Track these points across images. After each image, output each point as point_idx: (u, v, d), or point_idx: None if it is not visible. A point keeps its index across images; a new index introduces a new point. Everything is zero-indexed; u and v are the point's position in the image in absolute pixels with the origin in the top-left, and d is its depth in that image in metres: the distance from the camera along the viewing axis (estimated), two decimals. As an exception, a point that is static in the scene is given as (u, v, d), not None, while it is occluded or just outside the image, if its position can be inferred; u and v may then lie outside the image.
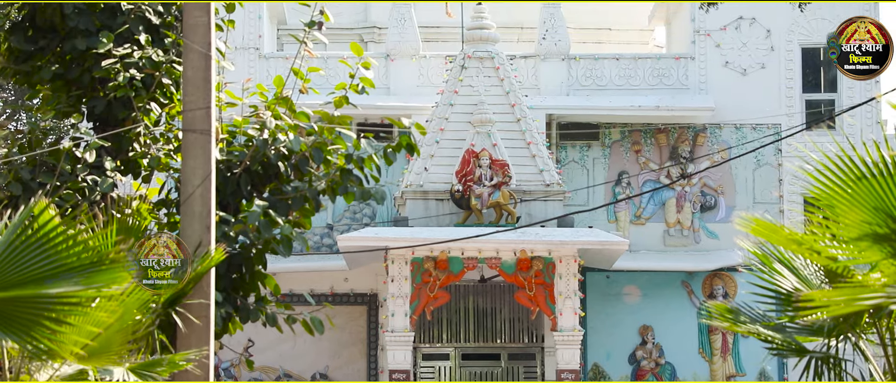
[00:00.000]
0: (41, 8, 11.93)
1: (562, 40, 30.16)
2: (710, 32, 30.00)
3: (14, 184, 11.47)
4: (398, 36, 30.19)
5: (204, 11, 10.45)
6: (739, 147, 29.25)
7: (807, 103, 29.96)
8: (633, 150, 29.79)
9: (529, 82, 29.85)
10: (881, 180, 8.19)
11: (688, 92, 29.81)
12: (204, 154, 10.41)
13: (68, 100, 12.19)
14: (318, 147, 12.27)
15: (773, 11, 28.64)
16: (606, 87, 30.06)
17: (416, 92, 29.79)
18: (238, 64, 28.13)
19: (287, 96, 12.58)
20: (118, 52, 11.79)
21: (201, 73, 10.41)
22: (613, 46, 34.61)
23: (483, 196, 26.07)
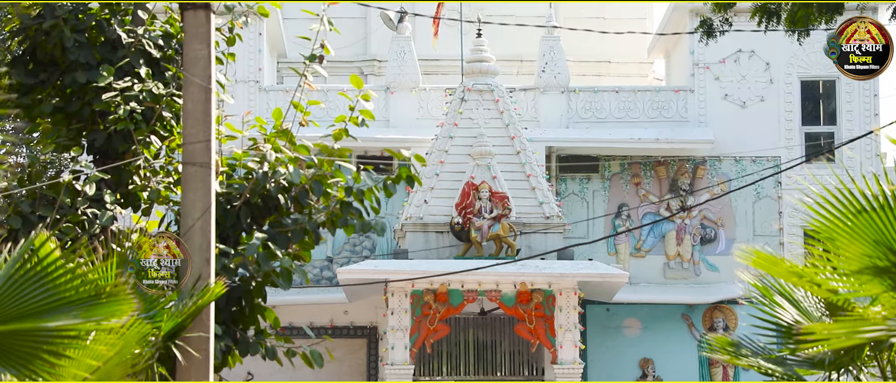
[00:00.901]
0: (42, 42, 11.95)
1: (561, 73, 30.21)
2: (709, 65, 30.05)
3: (14, 217, 11.47)
4: (398, 69, 30.24)
5: (204, 45, 10.47)
6: (739, 179, 29.26)
7: (806, 136, 29.98)
8: (633, 183, 29.80)
9: (529, 115, 29.88)
10: (881, 213, 8.19)
11: (687, 124, 29.84)
12: (204, 187, 10.41)
13: (68, 134, 12.20)
14: (317, 179, 12.28)
15: (772, 44, 28.70)
16: (606, 119, 30.10)
17: (416, 124, 29.82)
18: (238, 97, 28.16)
19: (287, 129, 12.59)
20: (118, 86, 11.81)
21: (201, 107, 10.42)
22: (613, 79, 34.66)
23: (483, 228, 26.06)
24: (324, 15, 12.65)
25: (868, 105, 29.81)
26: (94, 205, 11.81)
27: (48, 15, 11.92)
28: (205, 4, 10.48)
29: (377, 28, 34.36)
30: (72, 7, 12.08)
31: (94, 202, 11.81)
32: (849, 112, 29.84)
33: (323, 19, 12.63)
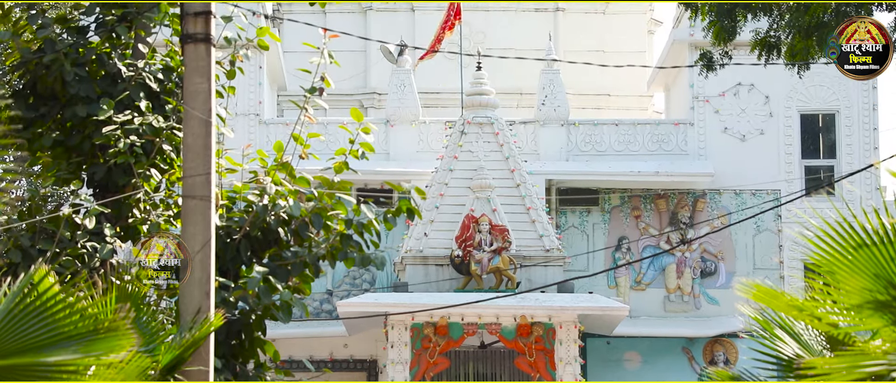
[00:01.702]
0: (42, 76, 11.97)
1: (561, 106, 30.25)
2: (709, 98, 30.09)
3: (13, 251, 11.45)
4: (398, 101, 30.29)
5: (205, 78, 10.48)
6: (739, 213, 29.26)
7: (806, 169, 30.00)
8: (633, 216, 29.80)
9: (529, 147, 29.91)
10: (881, 247, 8.18)
11: (687, 157, 29.86)
12: (203, 220, 10.41)
13: (68, 167, 12.19)
14: (317, 212, 12.27)
15: (772, 77, 28.75)
16: (606, 152, 30.13)
17: (416, 157, 29.84)
18: (238, 130, 28.20)
19: (287, 162, 12.59)
20: (119, 119, 11.82)
21: (201, 140, 10.42)
22: (613, 112, 34.71)
23: (483, 261, 26.04)
24: (324, 48, 12.67)
25: (867, 138, 29.84)
26: (94, 238, 11.80)
27: (49, 49, 11.93)
28: (205, 38, 10.49)
29: (377, 61, 34.43)
30: (72, 41, 12.10)
31: (94, 235, 11.80)
32: (848, 145, 29.87)
33: (323, 52, 12.65)
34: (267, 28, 12.57)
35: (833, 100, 30.10)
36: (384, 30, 34.96)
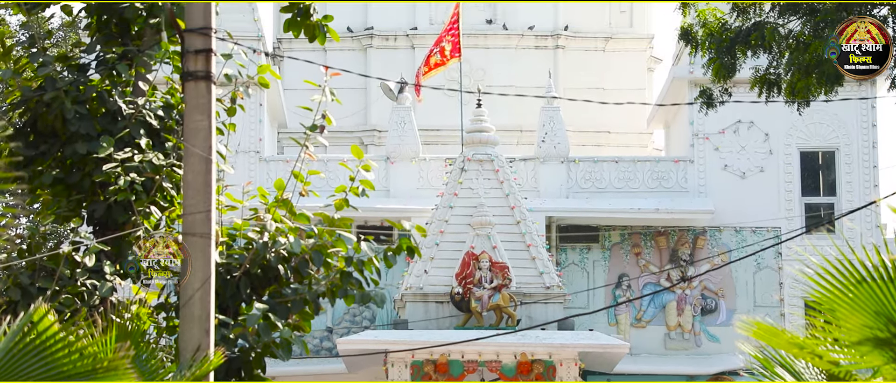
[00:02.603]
0: (43, 113, 11.98)
1: (561, 143, 30.28)
2: (709, 136, 30.12)
3: (13, 289, 11.44)
4: (398, 138, 30.32)
5: (205, 116, 10.49)
6: (739, 250, 29.24)
7: (806, 207, 30.01)
8: (633, 253, 29.77)
9: (529, 184, 29.93)
10: (882, 284, 8.17)
11: (687, 195, 29.87)
12: (203, 257, 10.39)
13: (68, 205, 12.19)
14: (318, 249, 12.25)
15: (772, 115, 28.79)
16: (606, 189, 30.14)
17: (416, 194, 29.85)
18: (239, 167, 28.22)
19: (287, 199, 12.59)
20: (119, 157, 11.82)
21: (202, 177, 10.43)
22: (613, 149, 34.75)
23: (483, 298, 26.01)
24: (325, 85, 12.69)
25: (867, 176, 29.86)
26: (94, 276, 11.78)
27: (49, 87, 11.95)
28: (206, 75, 10.51)
29: (377, 98, 34.50)
30: (73, 79, 12.12)
31: (94, 273, 11.79)
32: (848, 183, 29.89)
33: (324, 89, 12.66)
34: (267, 66, 12.59)
35: (833, 137, 30.14)
36: (384, 67, 35.04)
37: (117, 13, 12.42)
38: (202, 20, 10.40)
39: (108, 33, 12.55)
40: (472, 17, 35.93)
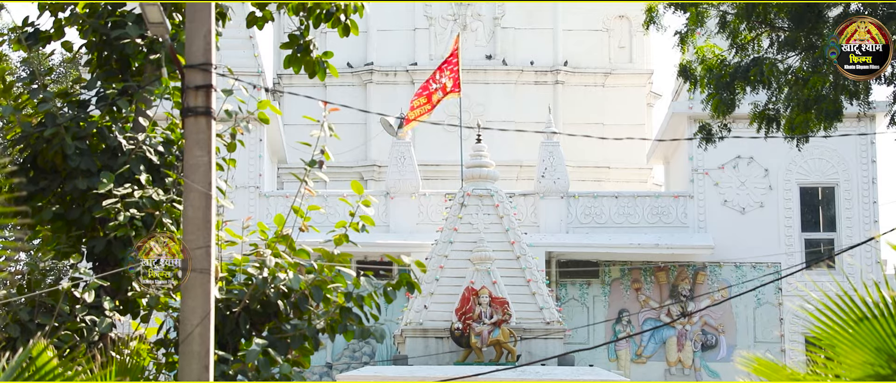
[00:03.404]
0: (43, 149, 11.98)
1: (561, 178, 30.29)
2: (709, 171, 30.14)
3: (12, 325, 11.41)
4: (398, 174, 30.33)
5: (205, 151, 10.50)
6: (740, 286, 29.21)
7: (806, 242, 30.00)
8: (633, 288, 29.75)
9: (529, 220, 29.92)
10: (882, 321, 8.16)
11: (687, 230, 29.86)
12: (203, 293, 10.38)
13: (68, 241, 12.18)
14: (317, 285, 12.23)
15: (771, 151, 28.82)
16: (606, 224, 30.13)
17: (416, 229, 29.84)
18: (239, 202, 28.22)
19: (287, 234, 12.57)
20: (119, 192, 11.82)
21: (201, 213, 10.42)
22: (612, 184, 34.76)
23: (483, 334, 25.96)
24: (324, 121, 12.69)
25: (867, 212, 29.86)
26: (93, 312, 11.76)
27: (50, 123, 11.96)
28: (206, 111, 10.52)
29: (377, 133, 34.53)
30: (73, 115, 12.14)
31: (93, 309, 11.77)
32: (848, 218, 29.88)
33: (323, 125, 12.67)
34: (267, 101, 12.61)
35: (832, 173, 30.15)
36: (384, 102, 35.10)
37: (118, 49, 12.45)
38: (202, 56, 10.42)
39: (108, 69, 12.58)
40: (472, 52, 36.02)
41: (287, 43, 12.94)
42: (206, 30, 10.43)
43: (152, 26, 10.88)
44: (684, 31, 19.49)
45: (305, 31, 13.05)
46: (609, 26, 36.98)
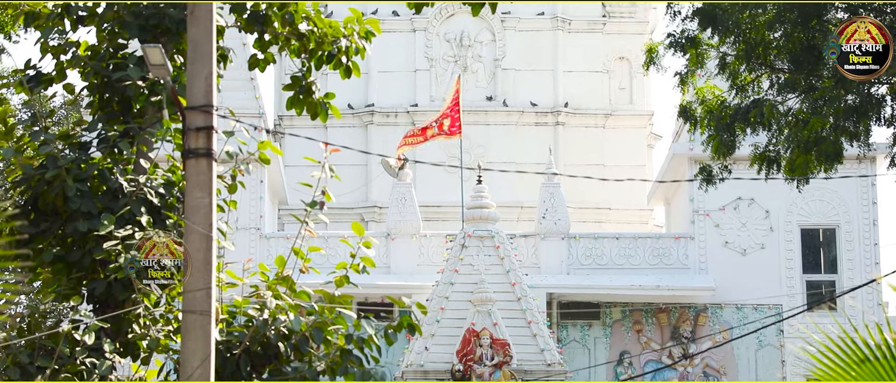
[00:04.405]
0: (44, 191, 11.98)
1: (562, 219, 30.28)
2: (709, 212, 30.13)
3: (12, 368, 11.38)
4: (399, 215, 30.32)
5: (206, 193, 10.50)
6: (741, 327, 29.16)
7: (808, 284, 29.96)
8: (635, 330, 29.69)
9: (530, 261, 29.89)
10: (885, 363, 8.14)
11: (688, 272, 29.82)
12: (203, 335, 10.36)
13: (69, 283, 12.16)
14: (318, 327, 12.20)
15: (772, 192, 28.82)
16: (607, 266, 30.11)
17: (417, 271, 29.81)
18: (239, 244, 28.21)
19: (288, 276, 12.56)
20: (119, 234, 11.81)
21: (202, 254, 10.41)
22: (613, 225, 34.76)
23: (484, 376, 25.89)
24: (325, 162, 12.70)
25: (869, 254, 29.83)
26: (93, 354, 11.73)
27: (51, 165, 11.97)
28: (207, 153, 10.53)
29: (378, 175, 34.55)
30: (74, 157, 12.14)
31: (94, 351, 11.74)
32: (850, 261, 29.86)
33: (324, 166, 12.67)
34: (268, 142, 12.62)
35: (833, 215, 30.14)
36: (385, 143, 35.14)
37: (119, 91, 12.48)
38: (203, 98, 10.45)
39: (109, 111, 12.60)
40: (473, 94, 36.09)
41: (289, 85, 12.97)
42: (207, 72, 10.46)
43: (154, 68, 10.91)
44: (684, 73, 19.53)
45: (307, 72, 13.08)
46: (609, 68, 37.07)
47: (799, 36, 17.96)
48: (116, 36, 12.51)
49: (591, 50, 36.95)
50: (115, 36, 12.52)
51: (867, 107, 17.91)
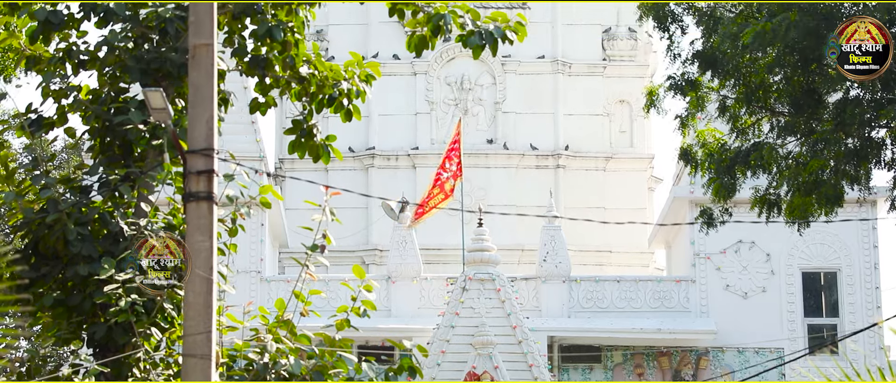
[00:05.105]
0: (45, 235, 11.98)
1: (563, 262, 30.26)
2: (711, 255, 30.12)
3: (12, 412, 11.36)
4: (399, 258, 30.30)
5: (206, 236, 10.50)
6: (743, 371, 29.08)
7: (809, 327, 29.90)
8: (636, 373, 29.61)
9: (531, 304, 29.85)
10: (887, 407, 8.12)
11: (689, 315, 29.78)
12: (204, 379, 10.34)
13: (69, 327, 12.14)
14: (319, 370, 12.18)
15: (773, 235, 28.81)
16: (608, 309, 30.07)
17: (418, 314, 29.77)
18: (240, 287, 28.17)
19: (288, 319, 12.54)
20: (120, 278, 11.80)
21: (202, 298, 10.41)
22: (614, 268, 34.73)
23: (485, 419, 25.82)
24: (325, 205, 12.70)
25: (870, 298, 29.80)
26: (94, 398, 11.70)
27: (52, 209, 11.97)
28: (208, 196, 10.54)
29: (379, 218, 34.54)
30: (75, 201, 12.15)
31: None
32: (851, 304, 29.81)
33: (324, 209, 12.68)
34: (269, 186, 12.63)
35: (834, 258, 30.11)
36: (386, 186, 35.17)
37: (120, 135, 12.50)
38: (204, 141, 10.47)
39: (110, 155, 12.61)
40: (473, 137, 36.14)
41: (290, 128, 12.99)
42: (208, 115, 10.48)
43: (155, 112, 10.93)
44: (685, 116, 19.56)
45: (308, 116, 13.11)
46: (610, 111, 37.14)
47: (799, 79, 18.00)
48: (118, 80, 12.54)
49: (591, 93, 37.03)
50: (116, 80, 12.55)
51: (867, 150, 17.93)
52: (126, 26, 12.45)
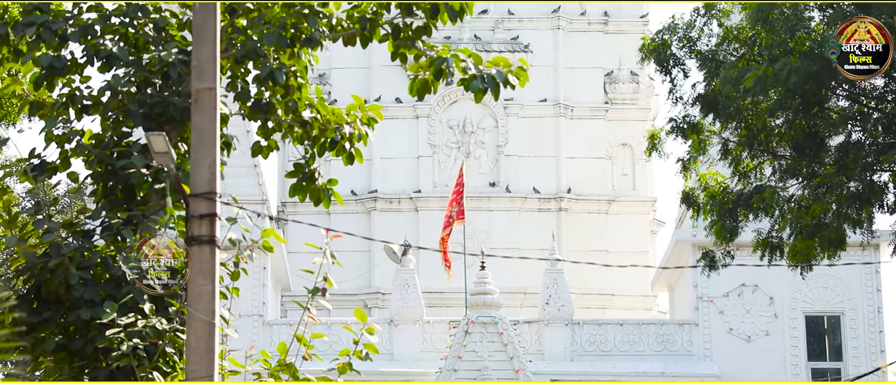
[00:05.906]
0: (47, 279, 11.98)
1: (565, 305, 30.21)
2: (713, 299, 30.06)
3: (13, 458, 11.32)
4: (402, 301, 30.26)
5: (209, 280, 10.50)
6: (746, 415, 28.99)
7: (813, 372, 29.82)
8: (639, 417, 29.52)
9: (533, 347, 29.79)
10: (890, 452, 8.10)
11: (692, 358, 29.71)
12: (206, 423, 10.31)
13: (71, 372, 12.11)
14: (320, 414, 12.16)
15: (776, 279, 28.77)
16: (611, 352, 29.99)
17: (420, 357, 29.69)
18: (242, 331, 28.12)
19: (291, 363, 12.51)
20: (122, 322, 11.79)
21: (204, 342, 10.40)
22: (617, 312, 34.67)
23: (487, 464, 25.72)
24: (326, 248, 12.70)
25: (874, 341, 29.72)
26: (95, 443, 11.67)
27: (54, 253, 11.97)
28: (210, 240, 10.54)
29: (381, 261, 34.52)
30: (78, 245, 12.15)
31: (95, 439, 11.68)
32: (855, 348, 29.74)
33: (325, 252, 12.67)
34: (271, 229, 12.62)
35: (838, 302, 30.06)
36: (388, 230, 35.15)
37: (123, 179, 12.51)
38: (207, 185, 10.48)
39: (113, 199, 12.63)
40: (476, 180, 36.16)
41: (292, 172, 13.01)
42: (211, 159, 10.50)
43: (158, 156, 10.95)
44: (687, 159, 19.58)
45: (310, 159, 13.12)
46: (612, 154, 37.17)
47: (800, 123, 18.03)
48: (121, 124, 12.57)
49: (593, 136, 37.07)
50: (119, 124, 12.58)
51: (870, 194, 17.94)
52: (129, 71, 12.49)
